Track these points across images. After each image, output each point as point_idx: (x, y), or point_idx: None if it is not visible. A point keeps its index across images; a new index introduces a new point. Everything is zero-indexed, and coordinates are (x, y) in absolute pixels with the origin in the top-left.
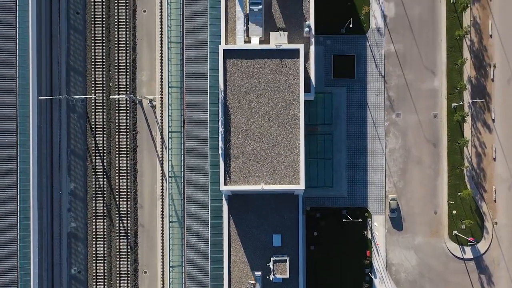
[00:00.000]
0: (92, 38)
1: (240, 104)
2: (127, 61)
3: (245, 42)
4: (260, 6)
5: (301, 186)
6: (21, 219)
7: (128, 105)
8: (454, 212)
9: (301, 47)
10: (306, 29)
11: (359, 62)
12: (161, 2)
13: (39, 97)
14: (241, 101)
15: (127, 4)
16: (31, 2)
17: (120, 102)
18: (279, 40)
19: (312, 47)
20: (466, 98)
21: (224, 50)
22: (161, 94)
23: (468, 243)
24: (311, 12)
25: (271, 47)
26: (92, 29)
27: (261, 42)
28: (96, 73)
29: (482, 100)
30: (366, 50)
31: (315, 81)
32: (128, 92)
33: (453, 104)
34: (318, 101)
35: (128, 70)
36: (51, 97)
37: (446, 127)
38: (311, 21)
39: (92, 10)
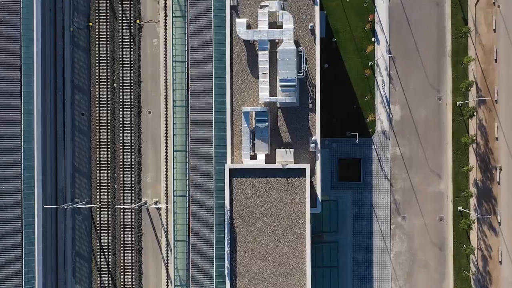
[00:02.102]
0: (97, 139)
1: (246, 223)
2: (132, 163)
3: (251, 157)
4: (266, 124)
5: None
6: None
7: (133, 204)
8: None
9: (307, 166)
10: (312, 145)
11: (364, 165)
12: (166, 104)
13: (45, 206)
14: (247, 219)
15: (132, 105)
16: (36, 108)
17: (125, 203)
18: (285, 158)
19: (318, 162)
20: (472, 202)
21: (230, 169)
22: (166, 197)
23: None
24: (317, 128)
25: (277, 167)
26: (97, 130)
27: (267, 156)
28: (101, 174)
29: (489, 216)
30: (371, 153)
31: (321, 185)
32: (133, 194)
33: (459, 208)
34: (324, 208)
35: (133, 172)
36: (56, 207)
37: (452, 231)
38: (317, 137)
39: (97, 111)
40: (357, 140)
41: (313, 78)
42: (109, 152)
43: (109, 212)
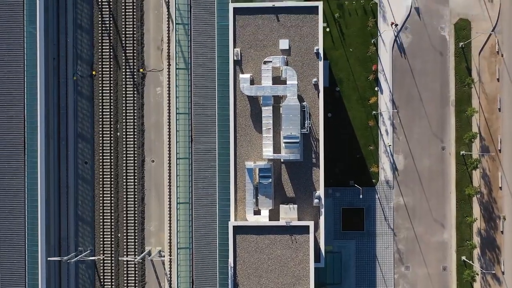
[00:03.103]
0: (101, 188)
1: (250, 280)
2: (136, 211)
3: (255, 212)
4: (270, 180)
5: None
6: None
7: (136, 257)
8: None
9: (311, 224)
10: (316, 200)
11: (368, 215)
12: (169, 153)
13: (48, 258)
14: (251, 276)
15: (136, 154)
16: (39, 158)
17: (129, 252)
18: (288, 214)
19: (322, 218)
20: (476, 252)
21: (234, 226)
22: (170, 246)
23: None
24: (320, 183)
25: (281, 224)
26: (101, 179)
27: (270, 211)
28: (105, 223)
29: (493, 271)
30: (375, 203)
31: (324, 235)
32: (136, 242)
33: (463, 258)
34: (327, 260)
35: (136, 221)
36: (59, 259)
37: (455, 280)
38: (321, 192)
39: (101, 160)
40: (361, 196)
41: (316, 133)
42: (112, 201)
43: (113, 262)
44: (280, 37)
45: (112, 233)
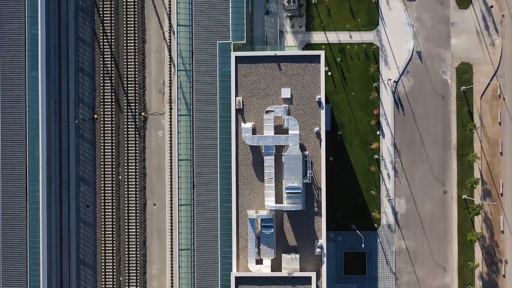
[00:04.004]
0: (102, 231)
1: None
2: (137, 255)
3: (257, 261)
4: (272, 230)
5: None
6: None
7: None
8: None
9: (313, 275)
10: (318, 249)
11: (370, 259)
12: (171, 196)
13: None
14: None
15: (137, 197)
16: (41, 206)
17: None
18: (291, 264)
19: (324, 267)
20: None
21: (236, 277)
22: None
23: None
24: (322, 232)
25: (283, 275)
26: (102, 222)
27: (272, 260)
28: (106, 266)
29: None
30: (377, 247)
31: (326, 282)
32: (138, 286)
33: None
34: None
35: (138, 264)
36: None
37: None
38: (323, 241)
39: (102, 203)
40: (363, 245)
41: (318, 181)
42: (114, 244)
43: None
44: (282, 86)
45: (114, 276)
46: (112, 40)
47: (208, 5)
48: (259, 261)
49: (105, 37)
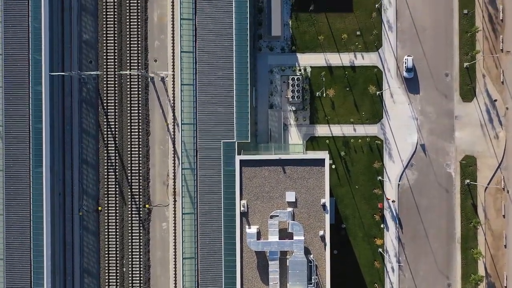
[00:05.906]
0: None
1: None
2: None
3: None
4: None
5: None
6: None
7: None
8: None
9: None
10: None
11: None
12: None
13: None
14: None
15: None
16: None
17: None
18: None
19: None
20: None
21: None
22: None
23: None
24: None
25: None
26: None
27: None
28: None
29: None
30: None
31: None
32: None
33: None
34: None
35: None
36: None
37: None
38: None
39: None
40: None
41: (323, 285)
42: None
43: None
44: (287, 189)
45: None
46: (116, 132)
47: (212, 101)
48: None
49: (109, 129)
